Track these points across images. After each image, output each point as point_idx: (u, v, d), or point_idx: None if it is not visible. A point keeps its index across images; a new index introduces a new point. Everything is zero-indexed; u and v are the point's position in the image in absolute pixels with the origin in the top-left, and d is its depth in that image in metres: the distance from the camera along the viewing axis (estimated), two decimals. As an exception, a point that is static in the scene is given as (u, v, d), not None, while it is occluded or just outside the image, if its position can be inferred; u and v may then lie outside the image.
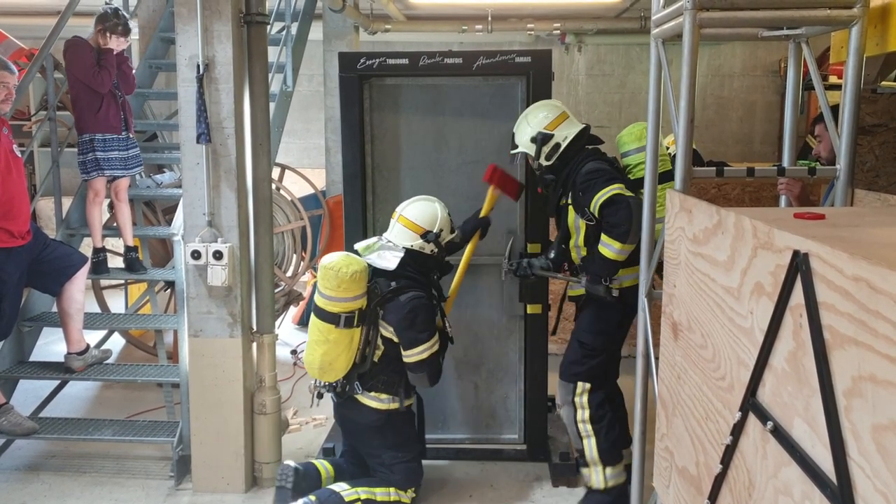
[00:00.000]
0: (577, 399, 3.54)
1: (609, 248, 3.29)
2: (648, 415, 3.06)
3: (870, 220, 1.85)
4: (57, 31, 4.66)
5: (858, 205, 2.65)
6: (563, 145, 3.50)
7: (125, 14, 4.53)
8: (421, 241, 3.49)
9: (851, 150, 2.62)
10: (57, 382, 4.44)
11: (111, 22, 4.45)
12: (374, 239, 3.59)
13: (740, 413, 1.73)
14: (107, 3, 4.76)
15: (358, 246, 3.58)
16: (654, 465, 2.61)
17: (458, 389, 4.38)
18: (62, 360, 4.23)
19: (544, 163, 3.54)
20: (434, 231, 3.51)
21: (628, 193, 3.29)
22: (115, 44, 4.48)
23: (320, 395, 3.60)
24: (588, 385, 3.51)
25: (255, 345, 4.00)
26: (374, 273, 3.49)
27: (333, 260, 3.35)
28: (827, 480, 1.33)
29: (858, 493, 1.24)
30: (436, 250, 3.54)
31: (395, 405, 3.52)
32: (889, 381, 1.13)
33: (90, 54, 4.44)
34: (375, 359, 3.47)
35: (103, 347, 4.48)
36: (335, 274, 3.31)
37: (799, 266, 1.44)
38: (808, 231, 1.53)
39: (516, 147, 3.60)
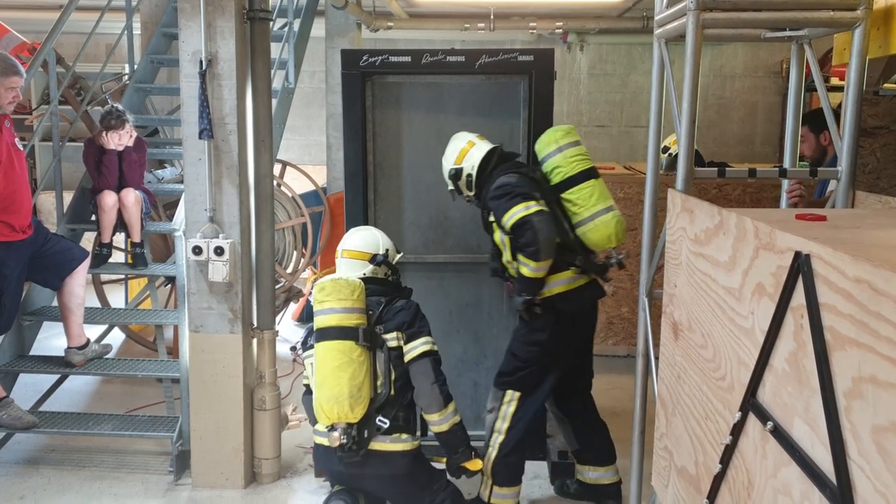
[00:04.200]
0: (503, 407, 3.49)
1: (526, 266, 3.31)
2: (647, 414, 3.07)
3: (871, 222, 1.86)
4: (59, 26, 4.65)
5: (859, 207, 2.65)
6: (474, 174, 3.54)
7: (119, 111, 4.54)
8: (372, 266, 3.38)
9: (853, 152, 2.62)
10: (57, 377, 4.45)
11: (104, 120, 4.52)
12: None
13: (740, 413, 1.74)
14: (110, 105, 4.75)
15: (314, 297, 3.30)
16: (652, 464, 2.62)
17: (458, 387, 4.38)
18: (62, 354, 4.23)
19: (469, 194, 3.61)
20: (381, 253, 3.40)
21: (533, 209, 3.25)
22: (113, 142, 4.52)
23: (342, 449, 3.09)
24: (517, 394, 3.45)
25: (255, 341, 4.01)
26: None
27: (333, 275, 3.22)
28: (827, 481, 1.34)
29: (858, 493, 1.24)
30: (389, 272, 3.44)
31: (417, 442, 3.26)
32: (890, 382, 1.14)
33: (93, 155, 4.59)
34: (392, 389, 3.20)
35: (103, 342, 4.49)
36: (346, 282, 3.15)
37: (801, 267, 1.45)
38: (810, 232, 1.54)
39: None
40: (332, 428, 3.12)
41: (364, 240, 3.44)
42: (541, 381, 3.48)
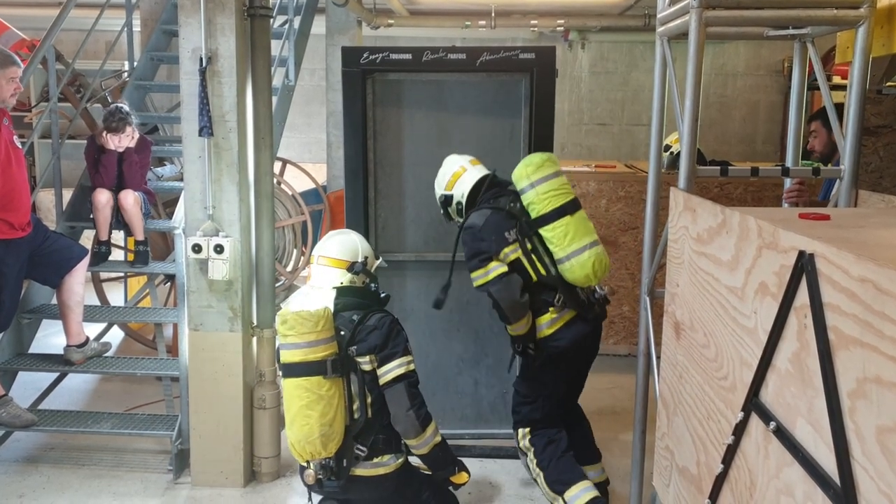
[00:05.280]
0: (521, 444, 3.51)
1: (505, 325, 3.37)
2: (648, 414, 3.06)
3: (875, 221, 1.85)
4: (59, 23, 4.63)
5: (862, 206, 2.64)
6: (464, 202, 3.52)
7: (123, 114, 4.49)
8: (350, 275, 3.21)
9: (856, 151, 2.61)
10: (56, 375, 4.44)
11: (106, 121, 4.49)
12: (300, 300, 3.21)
13: (743, 413, 1.73)
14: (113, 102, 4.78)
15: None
16: (654, 464, 2.61)
17: (458, 385, 4.38)
18: (61, 352, 4.22)
19: (459, 220, 3.57)
20: (359, 261, 3.24)
21: (492, 275, 3.26)
22: (112, 143, 4.49)
23: (320, 483, 3.07)
24: (527, 429, 3.47)
25: (255, 339, 4.00)
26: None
27: (295, 307, 3.03)
28: (830, 481, 1.33)
29: (862, 494, 1.24)
30: (368, 280, 3.27)
31: (401, 460, 3.16)
32: (894, 382, 1.13)
33: (92, 153, 4.56)
34: (369, 412, 3.09)
35: (103, 340, 4.47)
36: (309, 315, 2.97)
37: (804, 266, 1.44)
38: (814, 232, 1.53)
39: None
40: (307, 463, 3.04)
41: (342, 245, 3.27)
42: (549, 415, 3.49)
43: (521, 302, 3.27)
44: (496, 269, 3.26)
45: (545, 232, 3.30)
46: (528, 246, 3.33)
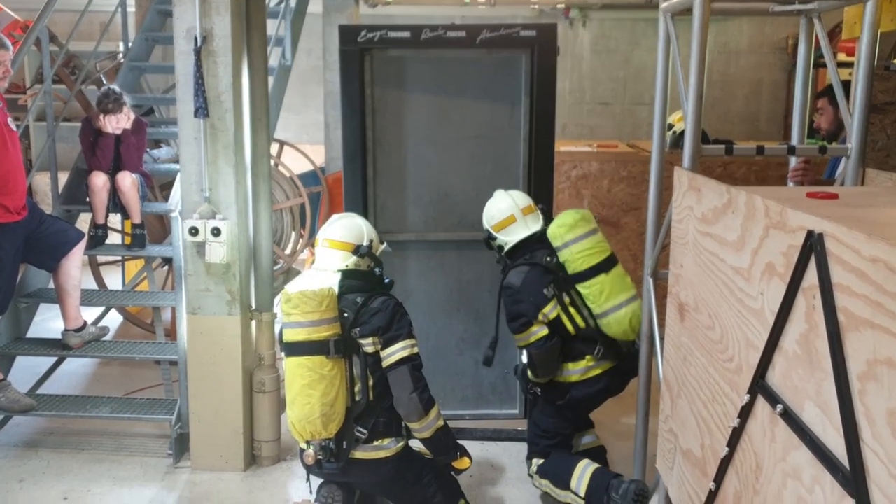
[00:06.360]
0: (530, 470, 3.57)
1: (529, 372, 3.47)
2: (652, 396, 3.04)
3: (884, 200, 1.82)
4: (52, 3, 4.57)
5: (869, 184, 2.60)
6: (506, 248, 3.57)
7: (117, 94, 4.42)
8: (355, 258, 3.19)
9: (863, 129, 2.57)
10: (54, 359, 4.42)
11: (101, 103, 4.43)
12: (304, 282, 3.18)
13: (748, 395, 1.70)
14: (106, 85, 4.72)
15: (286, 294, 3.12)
16: (657, 447, 2.59)
17: (459, 365, 4.37)
18: (59, 336, 4.20)
19: (498, 256, 3.65)
20: (364, 244, 3.21)
21: (533, 338, 3.34)
22: (111, 126, 4.43)
23: (319, 465, 3.07)
24: (541, 461, 3.54)
25: (253, 323, 3.97)
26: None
27: (299, 287, 3.01)
28: (839, 465, 1.30)
29: (871, 478, 1.21)
30: (372, 264, 3.25)
31: (401, 444, 3.14)
32: (909, 365, 1.10)
33: (88, 136, 4.49)
34: (371, 395, 3.07)
35: (101, 324, 4.45)
36: (313, 294, 2.96)
37: (813, 246, 1.41)
38: (822, 211, 1.49)
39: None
40: (307, 444, 3.03)
41: (347, 229, 3.24)
42: (562, 445, 3.58)
43: (554, 365, 3.40)
44: (537, 332, 3.36)
45: (582, 288, 3.39)
46: (567, 300, 3.41)
